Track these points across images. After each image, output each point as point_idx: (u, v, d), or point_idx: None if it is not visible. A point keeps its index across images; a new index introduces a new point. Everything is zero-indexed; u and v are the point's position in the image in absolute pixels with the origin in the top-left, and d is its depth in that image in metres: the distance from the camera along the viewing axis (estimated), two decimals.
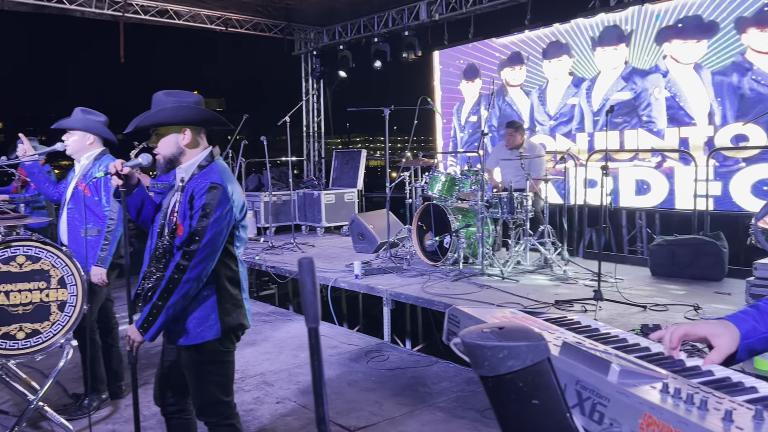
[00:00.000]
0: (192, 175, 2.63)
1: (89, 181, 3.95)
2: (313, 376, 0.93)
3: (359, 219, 8.25)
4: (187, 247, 2.49)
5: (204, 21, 10.73)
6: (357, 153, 11.15)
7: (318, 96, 12.88)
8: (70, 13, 9.57)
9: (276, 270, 7.48)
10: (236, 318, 2.67)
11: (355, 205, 10.54)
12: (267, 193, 10.03)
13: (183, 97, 2.69)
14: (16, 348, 3.58)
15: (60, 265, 3.66)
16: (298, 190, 10.61)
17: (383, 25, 10.88)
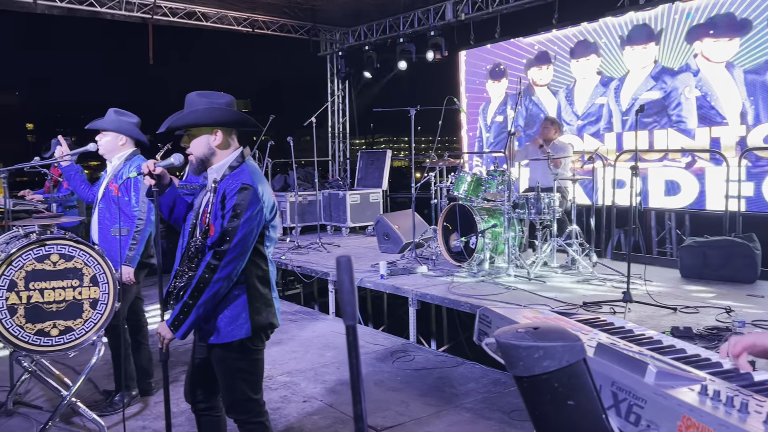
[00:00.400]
0: (223, 175, 2.66)
1: (121, 182, 4.01)
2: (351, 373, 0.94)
3: (384, 219, 8.26)
4: (218, 246, 2.52)
5: (231, 22, 10.84)
6: (382, 153, 11.17)
7: (343, 97, 12.92)
8: (101, 16, 9.74)
9: (302, 270, 7.52)
10: (266, 317, 2.70)
11: (380, 205, 10.55)
12: (293, 194, 10.09)
13: (215, 98, 2.72)
14: (50, 345, 3.65)
15: (92, 264, 3.72)
16: (323, 191, 10.66)
17: (409, 26, 10.88)
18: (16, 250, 3.55)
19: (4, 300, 3.52)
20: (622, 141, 8.25)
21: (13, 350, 3.62)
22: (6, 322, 3.53)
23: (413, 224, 7.29)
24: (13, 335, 3.55)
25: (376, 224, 8.46)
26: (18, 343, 3.56)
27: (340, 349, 5.59)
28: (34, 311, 3.60)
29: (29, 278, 3.59)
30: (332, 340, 5.90)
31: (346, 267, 0.93)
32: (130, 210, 4.04)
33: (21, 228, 3.97)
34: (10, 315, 3.54)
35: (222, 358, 2.68)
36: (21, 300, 3.57)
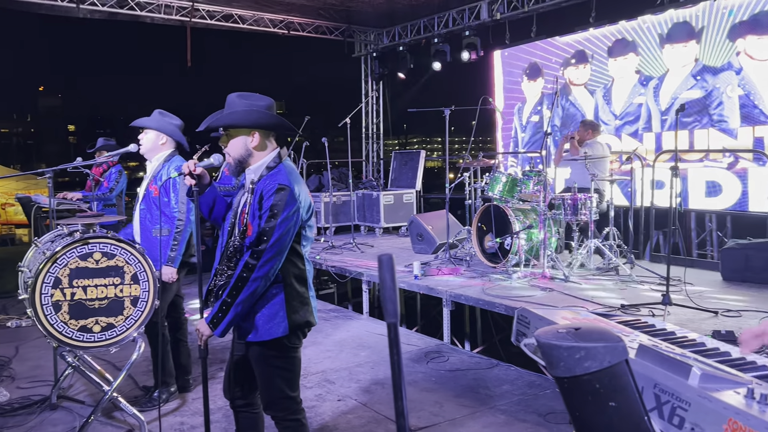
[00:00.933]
0: (261, 176, 2.70)
1: (161, 183, 4.08)
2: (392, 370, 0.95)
3: (418, 219, 8.26)
4: (255, 246, 2.56)
5: (267, 25, 10.96)
6: (416, 154, 11.16)
7: (377, 97, 12.96)
8: (141, 20, 9.95)
9: (336, 269, 7.56)
10: (303, 315, 2.72)
11: (414, 205, 10.55)
12: (327, 194, 10.16)
13: (255, 99, 2.75)
14: (93, 341, 3.74)
15: (133, 262, 3.81)
16: (357, 191, 10.70)
17: (443, 26, 10.85)
18: (61, 248, 3.65)
19: (49, 297, 3.62)
20: (661, 141, 8.09)
21: (57, 345, 3.71)
22: (51, 318, 3.63)
23: (447, 225, 7.28)
24: (58, 331, 3.65)
25: (409, 225, 8.47)
26: (62, 338, 3.66)
27: (374, 349, 5.61)
28: (78, 308, 3.69)
29: (73, 275, 3.68)
30: (366, 340, 5.92)
31: (387, 265, 0.93)
32: (170, 210, 4.11)
33: (65, 226, 4.08)
34: (54, 311, 3.64)
35: (260, 356, 2.71)
36: (65, 297, 3.66)
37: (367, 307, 7.10)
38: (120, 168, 7.24)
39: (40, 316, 3.61)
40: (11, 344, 5.83)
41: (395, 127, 13.78)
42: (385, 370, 5.01)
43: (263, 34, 11.14)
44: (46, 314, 3.62)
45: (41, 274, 3.60)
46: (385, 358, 5.31)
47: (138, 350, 3.91)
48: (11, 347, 5.73)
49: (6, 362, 5.28)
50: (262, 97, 2.81)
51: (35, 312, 3.60)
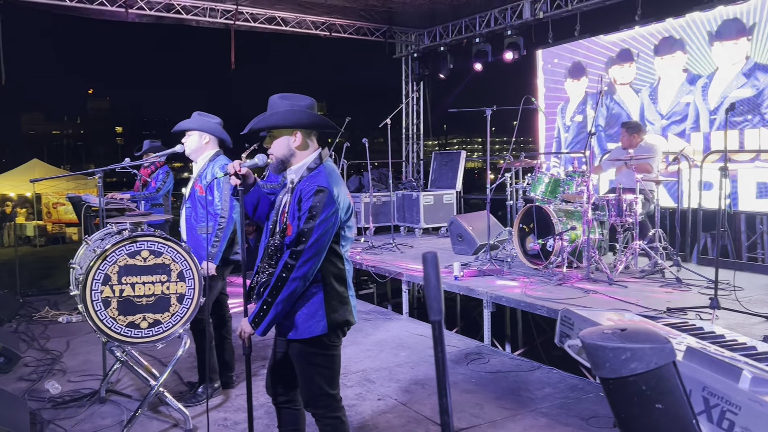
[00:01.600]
0: (301, 177, 2.74)
1: (206, 182, 4.17)
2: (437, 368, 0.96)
3: (458, 220, 8.23)
4: (294, 246, 2.61)
5: (309, 27, 11.07)
6: (456, 154, 11.12)
7: (418, 98, 12.95)
8: (186, 23, 10.17)
9: (376, 270, 7.59)
10: (342, 314, 2.76)
11: (454, 206, 10.51)
12: (367, 194, 10.20)
13: (296, 100, 2.81)
14: (140, 336, 3.84)
15: (179, 260, 3.90)
16: (397, 192, 10.72)
17: (485, 25, 10.79)
18: (111, 245, 3.77)
19: (99, 293, 3.74)
20: (710, 141, 7.88)
21: (106, 341, 3.83)
22: (101, 313, 3.75)
23: (488, 226, 7.23)
24: (107, 326, 3.76)
25: (449, 225, 8.44)
26: (111, 334, 3.77)
27: (414, 350, 5.61)
28: (126, 304, 3.80)
29: (122, 273, 3.79)
30: (406, 341, 5.93)
31: (432, 263, 0.94)
32: (213, 208, 4.21)
33: (114, 225, 4.20)
34: (104, 307, 3.75)
35: (300, 354, 2.75)
36: (114, 293, 3.78)
37: (407, 308, 7.11)
38: (167, 169, 7.41)
39: (90, 312, 3.72)
40: (63, 339, 6.02)
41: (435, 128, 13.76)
42: (425, 370, 5.01)
43: (305, 35, 11.25)
44: (96, 310, 3.74)
45: (92, 271, 3.72)
46: (424, 359, 5.31)
47: (183, 346, 4.01)
48: (63, 342, 5.92)
49: (58, 356, 5.47)
50: (303, 97, 2.86)
51: (86, 308, 3.72)
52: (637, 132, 6.98)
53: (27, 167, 20.04)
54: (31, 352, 5.60)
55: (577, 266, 6.44)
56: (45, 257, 14.50)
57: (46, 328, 6.43)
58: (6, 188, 19.55)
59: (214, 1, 9.88)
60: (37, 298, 7.99)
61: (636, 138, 6.93)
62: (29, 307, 7.28)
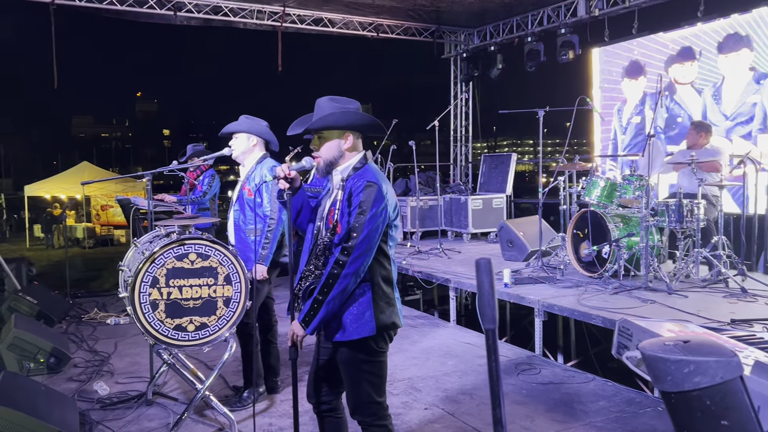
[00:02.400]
0: (348, 175, 2.78)
1: (253, 184, 4.26)
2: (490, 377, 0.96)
3: (508, 225, 8.15)
4: (345, 243, 2.65)
5: (357, 27, 11.16)
6: (506, 157, 11.02)
7: (466, 99, 12.90)
8: (234, 25, 10.39)
9: (422, 275, 7.58)
10: (389, 316, 2.78)
11: (504, 211, 10.42)
12: (414, 198, 10.20)
13: (345, 103, 2.87)
14: (187, 339, 3.94)
15: (226, 263, 3.98)
16: (444, 195, 10.68)
17: (537, 24, 10.67)
18: (159, 248, 3.87)
19: (147, 295, 3.85)
20: None
21: (154, 343, 3.94)
22: (148, 316, 3.85)
23: (540, 231, 7.14)
24: (155, 329, 3.87)
25: (499, 230, 8.37)
26: (158, 336, 3.88)
27: (462, 358, 5.58)
28: (173, 307, 3.90)
29: (169, 275, 3.89)
30: (453, 349, 5.91)
31: (485, 269, 0.94)
32: (262, 211, 4.29)
33: (163, 228, 4.32)
34: (152, 310, 3.86)
35: (347, 358, 2.78)
36: (162, 296, 3.88)
37: (454, 315, 7.08)
38: (213, 172, 7.57)
39: (138, 314, 3.83)
40: (110, 341, 6.22)
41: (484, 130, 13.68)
42: (473, 380, 4.98)
43: (352, 37, 11.35)
44: (144, 312, 3.85)
45: (140, 273, 3.83)
46: (473, 368, 5.28)
47: (229, 350, 4.08)
48: (110, 344, 6.11)
49: (106, 358, 5.64)
50: (350, 100, 2.93)
51: (134, 310, 3.83)
52: (705, 132, 6.80)
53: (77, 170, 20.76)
54: (80, 353, 5.80)
55: (634, 274, 6.30)
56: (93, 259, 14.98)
57: (94, 330, 6.65)
58: (57, 190, 20.33)
59: (262, 3, 10.06)
60: (86, 299, 8.27)
61: (703, 138, 6.75)
62: (78, 309, 7.54)
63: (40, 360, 5.10)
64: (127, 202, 7.09)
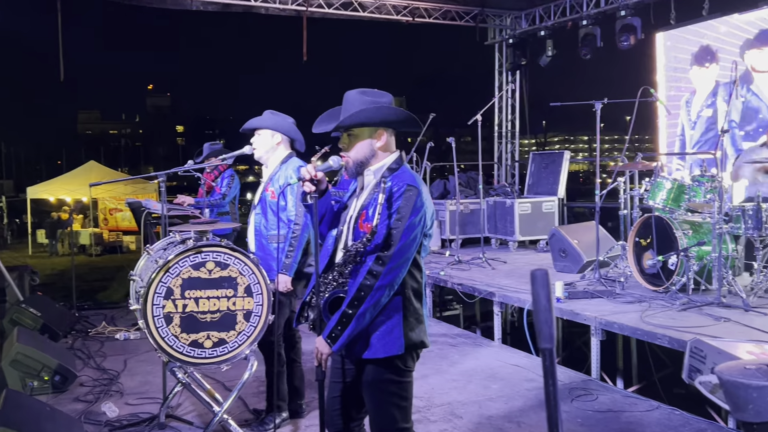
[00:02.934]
0: (383, 177, 2.78)
1: (278, 185, 4.28)
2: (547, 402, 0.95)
3: (561, 232, 8.09)
4: (381, 251, 2.66)
5: (390, 12, 11.20)
6: (558, 155, 10.94)
7: (513, 90, 12.84)
8: (255, 10, 10.51)
9: (463, 288, 7.56)
10: (419, 334, 2.80)
11: (555, 215, 10.34)
12: (453, 201, 10.19)
13: (377, 96, 2.86)
14: (204, 357, 3.99)
15: (247, 273, 4.03)
16: (488, 198, 10.65)
17: (594, 5, 10.58)
18: (174, 256, 3.94)
19: (161, 308, 3.91)
20: None
21: (168, 360, 4.00)
22: (162, 330, 3.92)
23: (597, 239, 7.07)
24: (169, 345, 3.93)
25: (550, 238, 8.31)
26: (172, 353, 3.94)
27: (508, 382, 5.55)
28: (189, 321, 3.96)
29: (185, 286, 3.96)
30: (498, 371, 5.88)
31: (542, 281, 0.94)
32: (286, 215, 4.31)
33: (178, 234, 4.38)
34: (166, 324, 3.92)
35: (373, 378, 2.79)
36: (177, 309, 3.94)
37: (499, 333, 7.04)
38: (232, 173, 7.66)
39: (151, 329, 3.90)
40: (120, 357, 6.33)
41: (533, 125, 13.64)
42: (521, 406, 4.95)
43: (384, 22, 11.39)
44: (157, 327, 3.91)
45: (153, 283, 3.90)
46: (520, 393, 5.25)
47: (250, 369, 4.13)
48: (120, 361, 6.22)
49: (115, 376, 5.75)
50: (383, 93, 2.91)
51: (147, 324, 3.89)
52: None
53: (83, 170, 21.17)
54: (87, 371, 5.92)
55: (705, 289, 6.19)
56: (101, 268, 15.29)
57: (102, 345, 6.78)
58: (62, 192, 20.68)
59: None
60: (93, 312, 8.43)
61: None
62: (85, 322, 7.70)
63: (44, 378, 5.21)
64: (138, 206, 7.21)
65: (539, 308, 0.95)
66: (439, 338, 6.96)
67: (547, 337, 0.95)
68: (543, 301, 0.95)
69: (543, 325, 0.95)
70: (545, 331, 0.95)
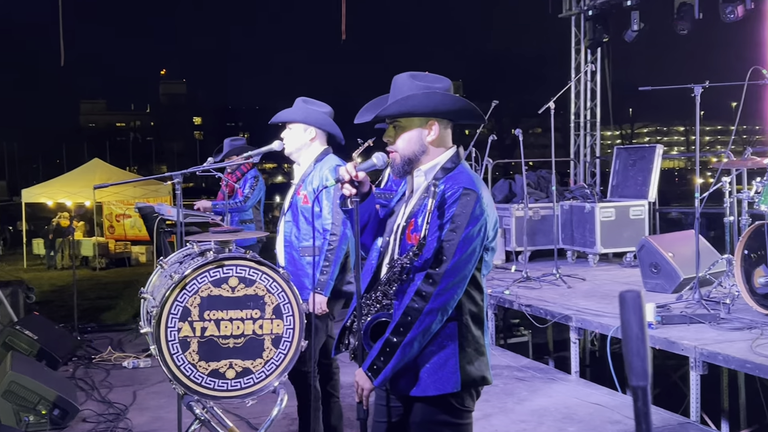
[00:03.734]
0: (436, 178, 2.76)
1: (314, 190, 4.26)
2: None
3: (652, 244, 7.98)
4: (431, 269, 2.63)
5: None
6: (648, 150, 10.80)
7: (593, 73, 12.73)
8: None
9: (532, 310, 7.52)
10: (479, 368, 2.76)
11: (645, 223, 10.20)
12: (520, 206, 10.14)
13: (430, 81, 2.82)
14: (225, 389, 4.04)
15: (276, 291, 4.06)
16: (562, 202, 10.56)
17: None
18: (191, 270, 3.99)
19: (176, 331, 3.97)
20: None
21: (183, 393, 4.05)
22: (177, 358, 3.97)
23: (697, 252, 6.96)
24: (185, 374, 3.99)
25: (639, 250, 8.20)
26: (189, 384, 3.99)
27: (587, 424, 5.50)
28: (209, 347, 4.01)
29: (204, 306, 4.01)
30: (576, 411, 5.83)
31: (634, 305, 0.93)
32: (321, 223, 4.32)
33: (196, 244, 4.44)
34: (182, 350, 3.98)
35: (422, 419, 2.77)
36: (194, 332, 4.00)
37: (577, 365, 6.97)
38: (256, 173, 7.73)
39: (165, 355, 3.96)
40: (128, 389, 6.45)
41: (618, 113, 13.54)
42: None
43: None
44: (172, 353, 3.97)
45: (168, 302, 3.96)
46: None
47: (279, 404, 4.16)
48: (128, 393, 6.34)
49: (122, 411, 5.86)
50: (438, 77, 2.87)
51: (159, 350, 3.95)
52: None
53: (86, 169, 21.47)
54: (91, 404, 6.04)
55: None
56: (106, 283, 15.57)
57: (108, 374, 6.92)
58: (62, 195, 20.87)
59: None
60: (97, 335, 8.63)
61: None
62: (88, 347, 7.87)
63: (41, 412, 5.33)
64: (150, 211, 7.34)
65: (630, 338, 0.94)
66: (503, 370, 6.93)
67: (640, 373, 0.94)
68: (635, 329, 0.93)
69: (635, 358, 0.94)
70: (637, 366, 0.94)
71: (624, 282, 8.56)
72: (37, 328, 7.04)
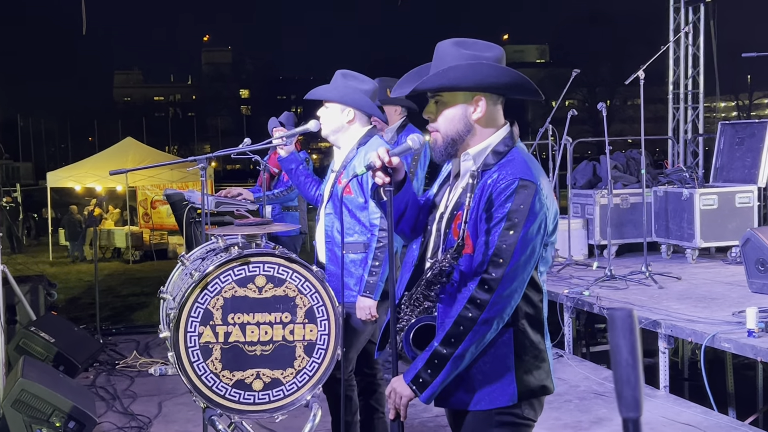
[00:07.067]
0: (485, 166, 2.76)
1: (347, 180, 4.25)
2: None
3: (759, 237, 7.83)
4: (486, 273, 2.63)
5: None
6: (759, 126, 10.56)
7: (695, 35, 12.47)
8: None
9: None
10: (538, 377, 2.77)
11: (754, 212, 10.00)
12: (604, 192, 10.02)
13: (479, 49, 2.79)
14: (252, 402, 4.11)
15: (308, 292, 4.10)
16: (655, 188, 10.42)
17: None
18: (213, 268, 4.05)
19: (197, 336, 4.04)
20: None
21: (205, 406, 4.13)
22: (198, 366, 4.05)
23: None
24: (207, 385, 4.07)
25: (743, 245, 8.06)
26: (212, 396, 4.07)
27: None
28: (233, 354, 4.08)
29: (228, 308, 4.07)
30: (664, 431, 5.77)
31: (624, 326, 0.94)
32: (367, 217, 4.34)
33: (220, 238, 4.49)
34: (203, 358, 4.05)
35: None
36: (217, 338, 4.07)
37: (666, 379, 6.88)
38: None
39: (184, 363, 4.04)
40: (153, 399, 6.58)
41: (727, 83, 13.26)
42: None
43: None
44: (192, 361, 4.05)
45: (187, 304, 4.03)
46: None
47: (313, 420, 4.20)
48: (153, 403, 6.47)
49: (146, 424, 5.98)
50: (488, 44, 2.83)
51: (178, 357, 4.03)
52: None
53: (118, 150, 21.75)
54: (111, 416, 6.18)
55: None
56: (139, 278, 15.77)
57: (132, 382, 7.06)
58: (90, 179, 21.06)
59: None
60: (122, 337, 8.79)
61: None
62: (112, 351, 8.03)
63: (55, 424, 5.43)
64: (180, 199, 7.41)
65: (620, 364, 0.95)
66: (580, 383, 6.87)
67: (631, 404, 0.95)
68: (625, 354, 0.95)
69: (625, 387, 0.96)
70: (628, 396, 0.95)
71: (727, 282, 8.40)
72: (54, 330, 7.14)
